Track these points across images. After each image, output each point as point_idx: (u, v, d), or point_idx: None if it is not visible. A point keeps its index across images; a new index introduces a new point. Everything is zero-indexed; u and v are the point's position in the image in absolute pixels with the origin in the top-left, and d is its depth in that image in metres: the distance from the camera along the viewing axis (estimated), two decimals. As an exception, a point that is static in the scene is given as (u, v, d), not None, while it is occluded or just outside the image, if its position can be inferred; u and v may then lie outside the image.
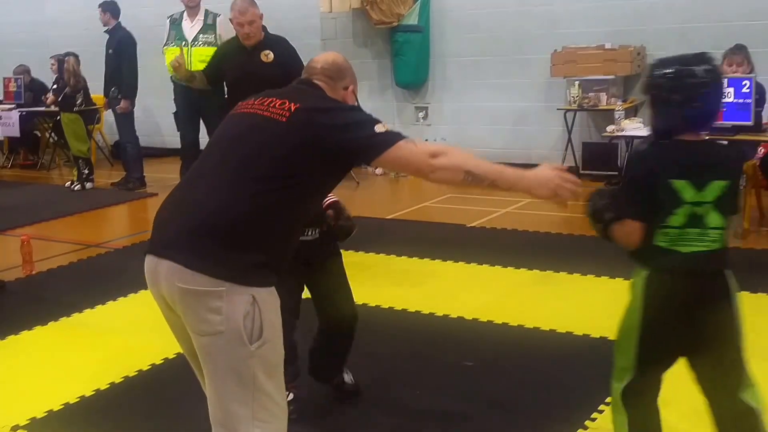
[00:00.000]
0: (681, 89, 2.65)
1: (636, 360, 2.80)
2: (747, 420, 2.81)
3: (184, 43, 8.28)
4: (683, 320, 2.73)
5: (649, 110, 2.80)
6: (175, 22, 8.49)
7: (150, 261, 2.53)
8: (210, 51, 8.12)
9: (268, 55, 6.18)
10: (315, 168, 2.53)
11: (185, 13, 8.45)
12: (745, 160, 2.78)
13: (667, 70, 2.70)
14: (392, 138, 2.53)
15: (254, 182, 2.47)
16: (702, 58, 2.73)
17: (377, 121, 2.57)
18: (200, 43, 8.25)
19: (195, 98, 8.22)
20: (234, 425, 2.46)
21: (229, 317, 2.38)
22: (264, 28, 6.29)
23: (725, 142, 5.76)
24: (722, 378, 2.82)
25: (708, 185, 2.66)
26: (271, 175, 2.48)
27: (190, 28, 8.38)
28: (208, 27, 8.34)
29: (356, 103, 2.92)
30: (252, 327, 2.41)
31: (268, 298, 2.47)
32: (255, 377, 2.44)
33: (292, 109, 2.56)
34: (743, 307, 4.99)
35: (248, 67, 6.08)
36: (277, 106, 2.59)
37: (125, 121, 9.55)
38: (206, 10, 8.43)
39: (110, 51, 9.42)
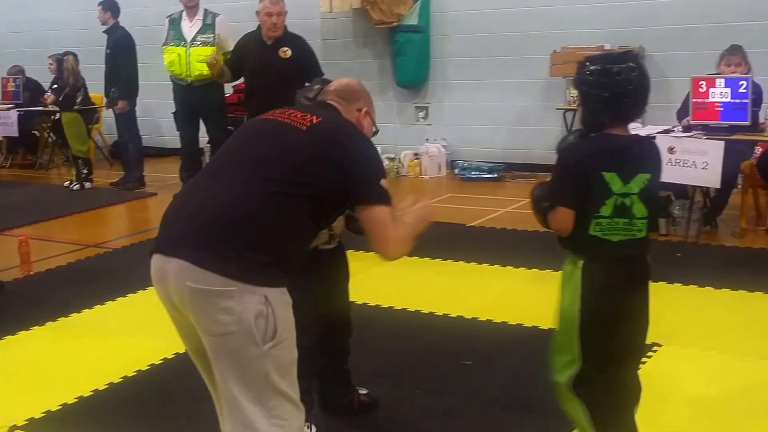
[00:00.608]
0: (609, 86, 2.78)
1: (581, 350, 2.91)
2: (637, 393, 3.01)
3: (183, 43, 8.26)
4: (617, 304, 2.88)
5: (580, 105, 2.92)
6: (174, 22, 8.47)
7: (157, 260, 2.49)
8: (209, 51, 8.12)
9: (286, 52, 6.44)
10: (324, 183, 2.53)
11: (184, 13, 8.42)
12: (660, 154, 3.03)
13: (597, 68, 2.83)
14: (385, 199, 2.61)
15: (266, 182, 2.48)
16: (628, 55, 2.88)
17: (384, 175, 2.66)
18: (199, 43, 8.23)
19: (194, 98, 8.22)
20: (252, 425, 2.43)
21: (240, 317, 2.36)
22: (284, 26, 6.53)
23: (654, 136, 6.01)
24: (633, 355, 2.99)
25: (634, 178, 2.82)
26: (285, 179, 2.49)
27: (189, 28, 8.36)
28: (207, 27, 8.31)
29: (374, 128, 3.00)
30: (265, 327, 2.39)
31: (281, 298, 2.45)
32: (269, 377, 2.41)
33: (314, 121, 2.62)
34: (742, 305, 5.05)
35: (265, 61, 6.26)
36: (298, 116, 2.65)
37: (126, 120, 9.49)
38: (205, 10, 8.40)
39: (108, 51, 9.37)
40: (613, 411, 3.00)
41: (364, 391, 3.76)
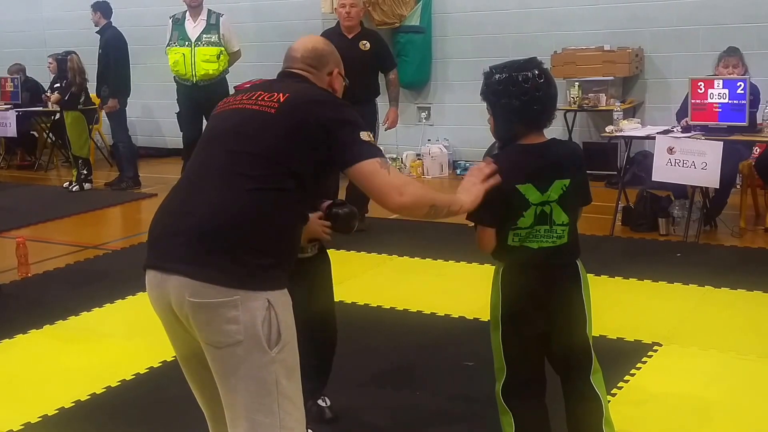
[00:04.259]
0: (518, 94, 2.75)
1: (504, 356, 2.91)
2: (591, 404, 2.92)
3: (187, 43, 8.25)
4: (536, 309, 2.85)
5: (491, 117, 2.87)
6: (178, 22, 8.45)
7: (153, 277, 2.42)
8: (213, 51, 8.12)
9: (365, 45, 6.90)
10: (305, 161, 2.45)
11: (188, 13, 8.40)
12: (582, 155, 3.03)
13: (503, 77, 2.80)
14: (373, 152, 2.50)
15: (249, 179, 2.40)
16: (533, 62, 2.84)
17: (363, 128, 2.53)
18: (203, 43, 8.22)
19: (199, 97, 8.20)
20: None
21: (247, 325, 2.31)
22: (361, 22, 7.02)
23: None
24: (574, 361, 2.92)
25: (551, 185, 2.79)
26: (267, 172, 2.41)
27: (193, 28, 8.35)
28: (211, 27, 8.30)
29: (344, 83, 2.88)
30: (270, 331, 2.34)
31: (283, 300, 2.41)
32: (278, 383, 2.36)
33: (281, 99, 2.52)
34: (742, 304, 5.04)
35: (348, 54, 6.49)
36: (266, 99, 2.54)
37: (117, 120, 9.53)
38: (209, 10, 8.39)
39: (100, 51, 9.39)
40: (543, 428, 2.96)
41: (324, 403, 3.65)
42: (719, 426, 3.56)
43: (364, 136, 2.50)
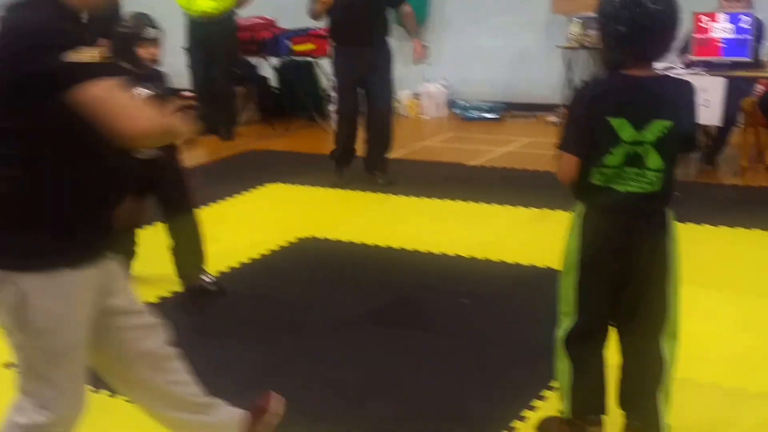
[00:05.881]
0: (627, 20, 2.48)
1: (576, 302, 2.74)
2: (652, 365, 2.73)
3: None
4: (617, 258, 2.66)
5: (599, 41, 2.65)
6: None
7: None
8: None
9: None
10: (23, 114, 2.06)
11: None
12: (693, 96, 2.64)
13: None
14: (94, 71, 1.99)
15: None
16: None
17: (71, 46, 1.98)
18: None
19: (200, 34, 8.05)
20: (22, 411, 2.30)
21: None
22: None
23: (684, 78, 5.57)
24: (642, 315, 2.71)
25: (649, 125, 2.53)
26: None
27: None
28: None
29: None
30: (18, 317, 2.18)
31: (42, 284, 2.16)
32: (35, 366, 2.25)
33: None
34: (740, 242, 5.03)
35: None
36: None
37: None
38: None
39: None
40: (599, 384, 2.82)
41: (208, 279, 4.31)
42: (716, 364, 3.56)
43: (74, 55, 1.98)
